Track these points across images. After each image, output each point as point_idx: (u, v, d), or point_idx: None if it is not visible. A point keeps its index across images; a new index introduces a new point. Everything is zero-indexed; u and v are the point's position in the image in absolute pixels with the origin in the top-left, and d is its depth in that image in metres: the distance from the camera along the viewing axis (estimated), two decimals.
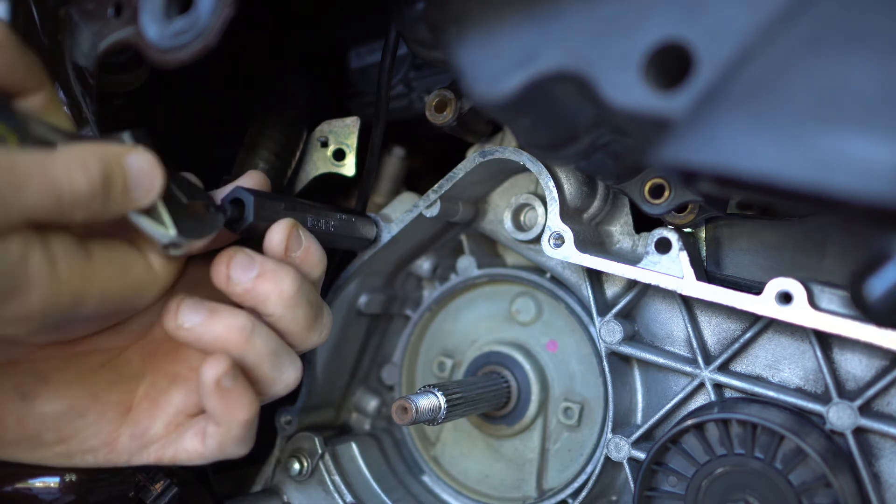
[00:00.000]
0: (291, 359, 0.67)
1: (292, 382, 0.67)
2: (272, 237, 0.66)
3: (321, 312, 0.68)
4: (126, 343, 0.69)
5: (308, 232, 0.69)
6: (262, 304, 0.64)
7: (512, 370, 0.88)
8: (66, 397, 0.64)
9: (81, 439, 0.65)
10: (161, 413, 0.66)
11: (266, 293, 0.63)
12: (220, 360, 0.60)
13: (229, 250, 0.63)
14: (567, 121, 0.57)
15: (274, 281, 0.63)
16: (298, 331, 0.66)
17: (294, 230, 0.67)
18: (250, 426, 0.63)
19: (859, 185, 0.40)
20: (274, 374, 0.65)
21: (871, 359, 0.69)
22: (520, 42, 0.53)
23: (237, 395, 0.61)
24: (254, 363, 0.63)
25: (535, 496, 0.87)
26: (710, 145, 0.45)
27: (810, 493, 0.66)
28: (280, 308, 0.64)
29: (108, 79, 0.71)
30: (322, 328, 0.69)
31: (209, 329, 0.61)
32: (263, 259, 0.64)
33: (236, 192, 0.66)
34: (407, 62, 0.98)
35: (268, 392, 0.66)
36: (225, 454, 0.65)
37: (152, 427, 0.66)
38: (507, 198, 0.87)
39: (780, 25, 0.45)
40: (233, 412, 0.62)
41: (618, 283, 0.81)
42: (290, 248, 0.66)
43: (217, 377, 0.60)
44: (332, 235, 0.77)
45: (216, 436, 0.64)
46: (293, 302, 0.64)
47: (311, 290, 0.67)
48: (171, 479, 0.82)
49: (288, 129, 0.89)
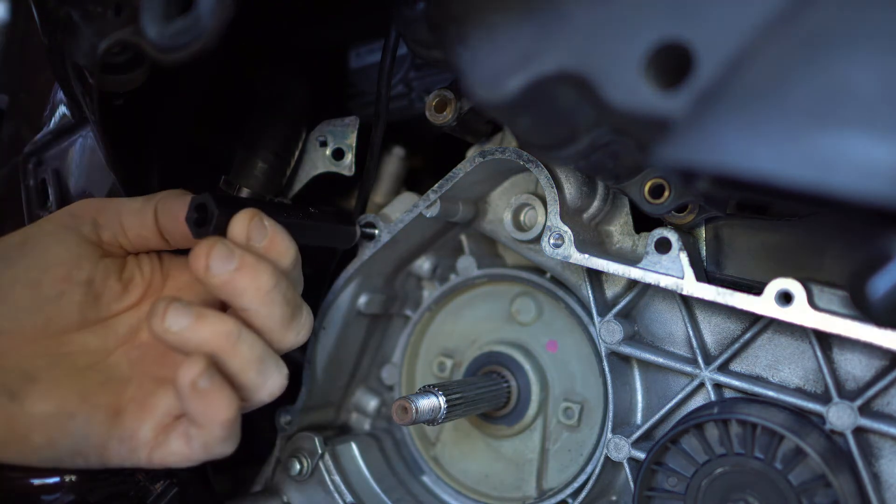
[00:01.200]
0: (277, 365, 0.66)
1: (277, 390, 0.67)
2: (234, 226, 0.65)
3: (299, 311, 0.68)
4: (113, 345, 0.69)
5: (274, 221, 0.68)
6: (238, 298, 0.63)
7: (512, 370, 0.88)
8: (55, 398, 0.64)
9: (71, 442, 0.65)
10: (149, 416, 0.66)
11: (243, 287, 0.63)
12: (195, 362, 0.60)
13: (209, 240, 0.63)
14: (567, 121, 0.57)
15: (252, 275, 0.63)
16: (275, 329, 0.65)
17: (256, 218, 0.66)
18: (232, 425, 0.63)
19: (859, 185, 0.40)
20: (259, 381, 0.65)
21: (871, 359, 0.69)
22: (520, 42, 0.53)
23: (215, 395, 0.61)
24: (239, 369, 0.63)
25: (534, 496, 0.87)
26: (709, 145, 0.45)
27: (810, 492, 0.66)
28: (255, 303, 0.64)
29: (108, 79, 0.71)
30: (300, 328, 0.68)
31: (195, 333, 0.61)
32: (243, 252, 0.63)
33: (201, 198, 0.67)
34: (407, 62, 0.98)
35: (252, 398, 0.66)
36: (211, 454, 0.65)
37: (140, 430, 0.66)
38: (507, 198, 0.87)
39: (779, 25, 0.44)
40: (212, 413, 0.61)
41: (618, 283, 0.81)
42: (253, 237, 0.66)
43: (192, 379, 0.59)
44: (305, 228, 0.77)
45: (199, 437, 0.63)
46: (269, 298, 0.64)
47: (289, 288, 0.66)
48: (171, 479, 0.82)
49: (287, 128, 0.89)
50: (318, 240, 0.83)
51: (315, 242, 0.83)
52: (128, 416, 0.66)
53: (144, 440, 0.66)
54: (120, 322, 0.71)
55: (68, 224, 0.70)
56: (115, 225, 0.72)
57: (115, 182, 0.82)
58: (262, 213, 0.67)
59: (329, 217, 0.83)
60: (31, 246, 0.68)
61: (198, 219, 0.66)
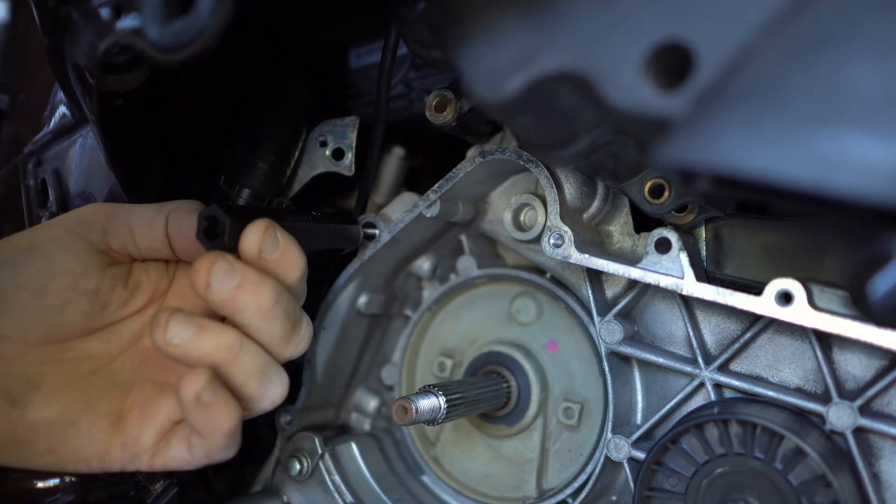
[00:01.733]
0: (279, 375, 0.66)
1: (278, 398, 0.66)
2: (247, 238, 0.64)
3: (299, 325, 0.67)
4: (116, 350, 0.69)
5: (286, 232, 0.66)
6: (240, 315, 0.63)
7: (512, 370, 0.88)
8: (58, 404, 0.64)
9: (73, 448, 0.65)
10: (151, 422, 0.66)
11: (244, 304, 0.62)
12: (198, 375, 0.60)
13: (210, 256, 0.62)
14: (567, 121, 0.57)
15: (254, 292, 0.62)
16: (275, 342, 0.65)
17: (270, 230, 0.64)
18: (234, 434, 0.63)
19: (859, 185, 0.40)
20: (261, 391, 0.64)
21: (871, 359, 0.69)
22: (520, 42, 0.53)
23: (218, 407, 0.61)
24: (241, 380, 0.63)
25: (535, 496, 0.87)
26: (710, 145, 0.45)
27: (810, 492, 0.66)
28: (256, 320, 0.63)
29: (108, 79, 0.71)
30: (299, 341, 0.67)
31: (198, 345, 0.61)
32: (244, 268, 0.62)
33: (210, 210, 0.64)
34: (407, 62, 0.98)
35: (254, 408, 0.66)
36: (213, 460, 0.65)
37: (142, 436, 0.66)
38: (507, 198, 0.87)
39: (780, 25, 0.44)
40: (215, 424, 0.61)
41: (618, 283, 0.81)
42: (265, 250, 0.64)
43: (196, 393, 0.59)
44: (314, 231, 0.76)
45: (201, 445, 0.64)
46: (270, 315, 0.63)
47: (290, 303, 0.65)
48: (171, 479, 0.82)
49: (287, 128, 0.89)
50: (325, 244, 0.83)
51: (323, 247, 0.83)
52: (130, 422, 0.66)
53: (146, 446, 0.66)
54: (124, 327, 0.70)
55: (77, 230, 0.69)
56: (125, 233, 0.70)
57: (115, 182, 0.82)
58: (275, 224, 0.65)
59: (334, 219, 0.82)
60: (38, 251, 0.67)
61: (208, 229, 0.64)
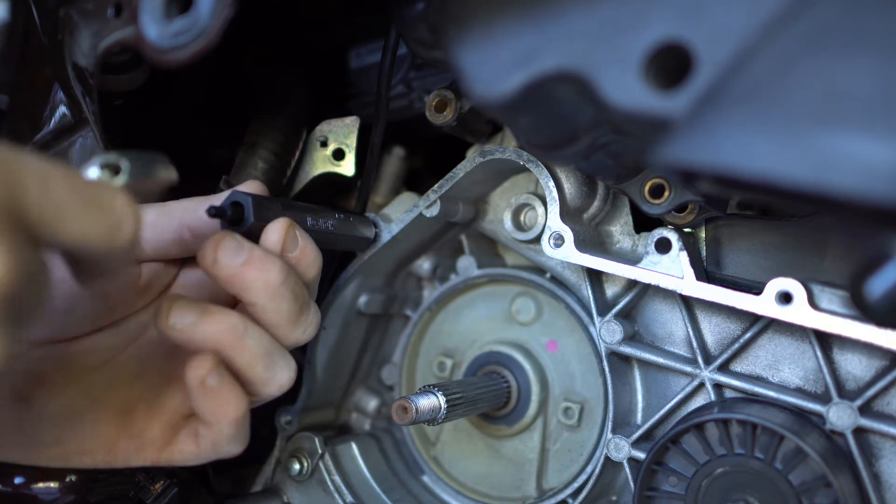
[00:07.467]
0: (285, 359, 0.66)
1: (286, 383, 0.66)
2: (268, 236, 0.65)
3: (307, 308, 0.67)
4: (122, 344, 0.69)
5: (305, 233, 0.68)
6: (246, 292, 0.63)
7: (512, 370, 0.88)
8: (64, 399, 0.64)
9: (79, 442, 0.64)
10: (157, 415, 0.66)
11: (251, 280, 0.62)
12: (203, 360, 0.60)
13: (218, 234, 0.63)
14: (567, 121, 0.57)
15: (260, 269, 0.62)
16: (282, 324, 0.65)
17: (291, 230, 0.66)
18: (241, 424, 0.63)
19: (859, 185, 0.40)
20: (267, 375, 0.64)
21: (871, 359, 0.69)
22: (519, 42, 0.53)
23: (224, 393, 0.61)
24: (247, 364, 0.63)
25: (535, 496, 0.87)
26: (710, 145, 0.45)
27: (810, 493, 0.66)
28: (263, 297, 0.63)
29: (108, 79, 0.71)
30: (307, 325, 0.68)
31: (201, 329, 0.61)
32: (252, 246, 0.63)
33: (234, 196, 0.66)
34: (407, 62, 0.98)
35: (261, 393, 0.65)
36: (220, 453, 0.65)
37: (149, 429, 0.65)
38: (507, 198, 0.87)
39: (780, 25, 0.45)
40: (221, 411, 0.61)
41: (618, 283, 0.81)
42: (287, 248, 0.66)
43: (201, 377, 0.59)
44: (331, 235, 0.77)
45: (208, 436, 0.63)
46: (278, 293, 0.63)
47: (298, 284, 0.66)
48: (171, 479, 0.82)
49: (287, 128, 0.89)
50: (342, 245, 0.83)
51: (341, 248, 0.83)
52: (137, 415, 0.66)
53: (153, 439, 0.66)
54: (132, 321, 0.70)
55: None
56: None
57: None
58: (296, 224, 0.67)
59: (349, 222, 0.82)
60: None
61: (232, 216, 0.65)
